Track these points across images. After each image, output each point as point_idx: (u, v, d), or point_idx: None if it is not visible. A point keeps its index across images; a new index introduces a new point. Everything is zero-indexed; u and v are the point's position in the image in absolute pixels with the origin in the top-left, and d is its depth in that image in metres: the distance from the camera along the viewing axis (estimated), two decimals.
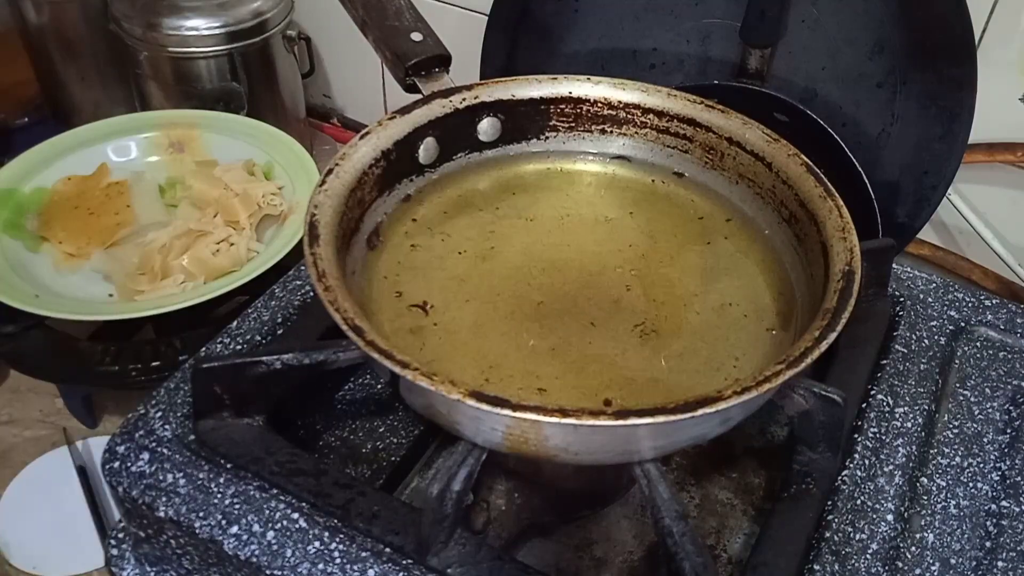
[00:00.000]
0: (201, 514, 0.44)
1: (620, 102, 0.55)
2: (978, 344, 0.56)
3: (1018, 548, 0.45)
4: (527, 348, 0.45)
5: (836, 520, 0.45)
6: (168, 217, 0.85)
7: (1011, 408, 0.52)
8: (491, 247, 0.51)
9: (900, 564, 0.43)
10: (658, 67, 0.76)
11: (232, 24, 0.98)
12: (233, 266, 0.80)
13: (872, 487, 0.46)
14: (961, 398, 0.52)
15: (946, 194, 0.71)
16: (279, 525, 0.43)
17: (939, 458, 0.49)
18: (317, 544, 0.42)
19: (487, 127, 0.55)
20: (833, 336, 0.39)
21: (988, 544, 0.45)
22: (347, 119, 1.21)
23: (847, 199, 0.47)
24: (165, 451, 0.46)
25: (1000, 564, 0.44)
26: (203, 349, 0.53)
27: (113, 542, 0.49)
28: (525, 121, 0.55)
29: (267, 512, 0.44)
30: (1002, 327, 0.57)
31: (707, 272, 0.50)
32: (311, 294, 0.56)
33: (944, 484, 0.47)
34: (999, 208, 0.79)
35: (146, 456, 0.46)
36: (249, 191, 0.85)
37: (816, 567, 0.43)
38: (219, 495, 0.44)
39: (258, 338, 0.53)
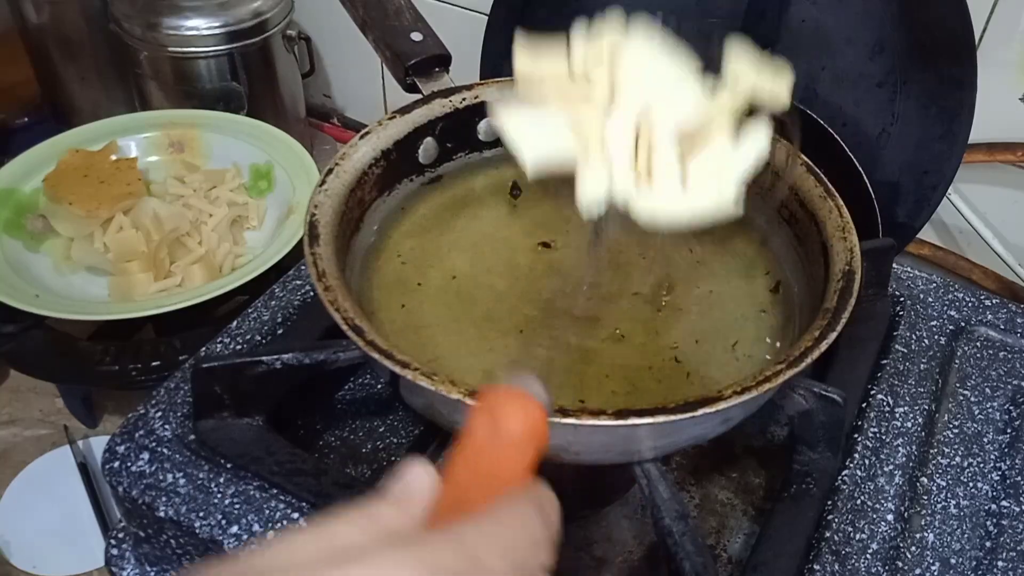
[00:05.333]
0: (201, 514, 0.44)
1: None
2: (978, 344, 0.56)
3: (1018, 548, 0.45)
4: (527, 348, 0.45)
5: (836, 520, 0.45)
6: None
7: (1011, 408, 0.52)
8: (491, 247, 0.51)
9: (900, 564, 0.43)
10: None
11: (232, 24, 0.98)
12: (209, 278, 0.80)
13: (872, 487, 0.46)
14: (961, 398, 0.52)
15: (946, 194, 0.71)
16: (279, 525, 0.43)
17: (939, 458, 0.49)
18: None
19: (487, 127, 0.55)
20: (833, 336, 0.39)
21: (988, 544, 0.45)
22: (347, 119, 1.21)
23: (847, 199, 0.47)
24: (165, 451, 0.46)
25: (1000, 564, 0.44)
26: (203, 349, 0.53)
27: (113, 542, 0.49)
28: None
29: (267, 512, 0.44)
30: (1002, 327, 0.57)
31: (707, 272, 0.50)
32: (311, 294, 0.56)
33: (944, 484, 0.47)
34: (999, 208, 0.79)
35: (146, 456, 0.46)
36: (203, 209, 0.86)
37: (816, 567, 0.43)
38: (219, 495, 0.44)
39: (258, 338, 0.53)
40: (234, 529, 0.43)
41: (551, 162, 0.39)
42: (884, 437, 0.49)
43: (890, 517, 0.45)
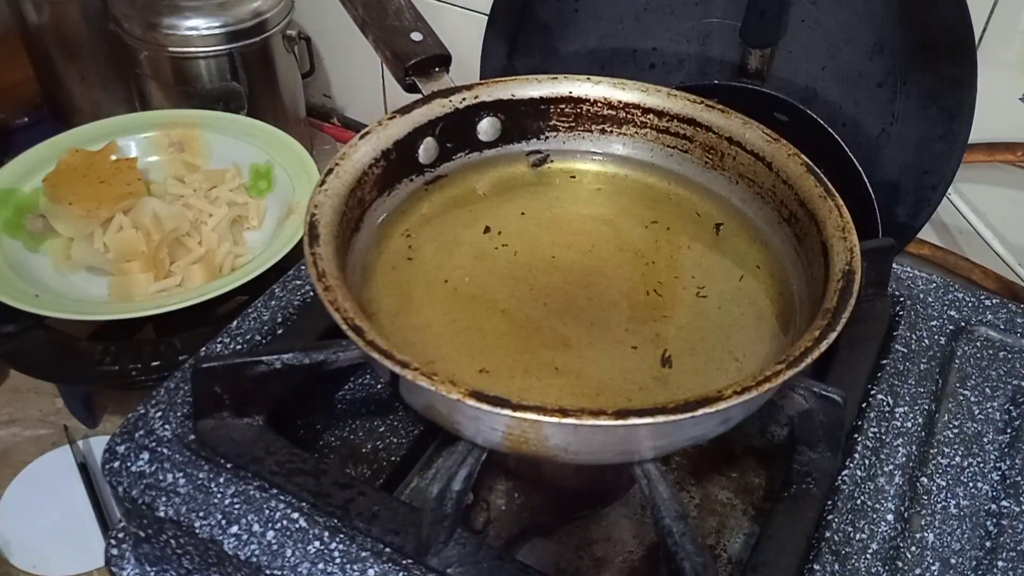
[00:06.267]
0: (201, 514, 0.44)
1: (620, 102, 0.55)
2: (978, 344, 0.56)
3: (1018, 548, 0.45)
4: (526, 348, 0.45)
5: (836, 520, 0.45)
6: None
7: (1011, 408, 0.52)
8: (491, 247, 0.51)
9: (900, 564, 0.43)
10: (658, 67, 0.76)
11: (232, 24, 0.98)
12: (209, 278, 0.80)
13: (872, 487, 0.47)
14: (961, 398, 0.52)
15: (946, 194, 0.71)
16: (279, 525, 0.43)
17: (939, 458, 0.49)
18: (317, 544, 0.42)
19: (487, 127, 0.55)
20: (833, 336, 0.39)
21: (988, 544, 0.45)
22: (347, 119, 1.21)
23: (847, 199, 0.47)
24: (165, 451, 0.46)
25: (1000, 564, 0.44)
26: (203, 349, 0.53)
27: (113, 542, 0.49)
28: (525, 121, 0.55)
29: (267, 512, 0.44)
30: (1002, 327, 0.57)
31: (707, 272, 0.50)
32: (311, 294, 0.56)
33: (944, 484, 0.47)
34: (999, 208, 0.79)
35: (146, 456, 0.46)
36: (203, 209, 0.86)
37: (816, 567, 0.43)
38: (219, 495, 0.44)
39: (258, 338, 0.53)
40: (234, 529, 0.43)
41: None
42: (884, 437, 0.49)
43: (890, 517, 0.45)
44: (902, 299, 0.58)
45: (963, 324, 0.57)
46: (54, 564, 0.73)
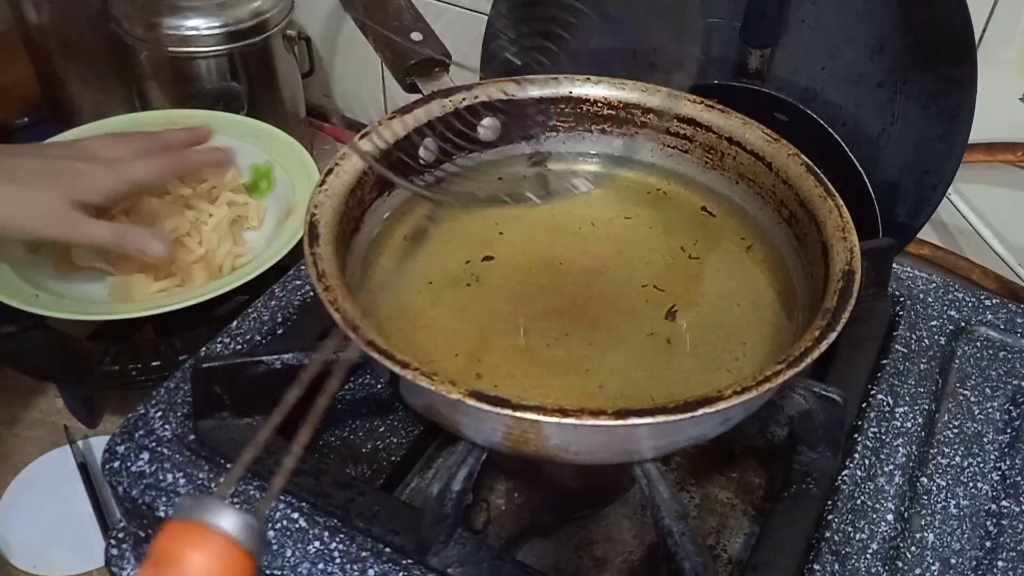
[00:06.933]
0: None
1: (620, 102, 0.55)
2: (978, 344, 0.56)
3: (1018, 548, 0.45)
4: (527, 348, 0.45)
5: (836, 520, 0.45)
6: None
7: (1011, 408, 0.52)
8: (491, 248, 0.51)
9: (900, 564, 0.43)
10: (658, 67, 0.76)
11: (232, 24, 0.97)
12: (209, 278, 0.80)
13: (872, 487, 0.46)
14: (961, 398, 0.52)
15: (946, 194, 0.71)
16: (279, 525, 0.43)
17: (939, 458, 0.49)
18: (317, 544, 0.42)
19: (487, 127, 0.55)
20: (833, 336, 0.39)
21: (988, 544, 0.45)
22: (347, 119, 1.21)
23: (847, 199, 0.47)
24: (165, 451, 0.46)
25: (1000, 564, 0.44)
26: (203, 349, 0.53)
27: (113, 542, 0.49)
28: (525, 121, 0.55)
29: (267, 512, 0.44)
30: (1002, 327, 0.57)
31: (707, 272, 0.50)
32: (311, 294, 0.56)
33: (944, 484, 0.47)
34: (999, 208, 0.79)
35: (146, 456, 0.46)
36: (203, 209, 0.85)
37: (816, 567, 0.43)
38: None
39: (258, 338, 0.53)
40: None
41: None
42: (884, 437, 0.49)
43: (890, 517, 0.45)
44: (902, 299, 0.58)
45: (963, 324, 0.57)
46: (54, 564, 0.73)
